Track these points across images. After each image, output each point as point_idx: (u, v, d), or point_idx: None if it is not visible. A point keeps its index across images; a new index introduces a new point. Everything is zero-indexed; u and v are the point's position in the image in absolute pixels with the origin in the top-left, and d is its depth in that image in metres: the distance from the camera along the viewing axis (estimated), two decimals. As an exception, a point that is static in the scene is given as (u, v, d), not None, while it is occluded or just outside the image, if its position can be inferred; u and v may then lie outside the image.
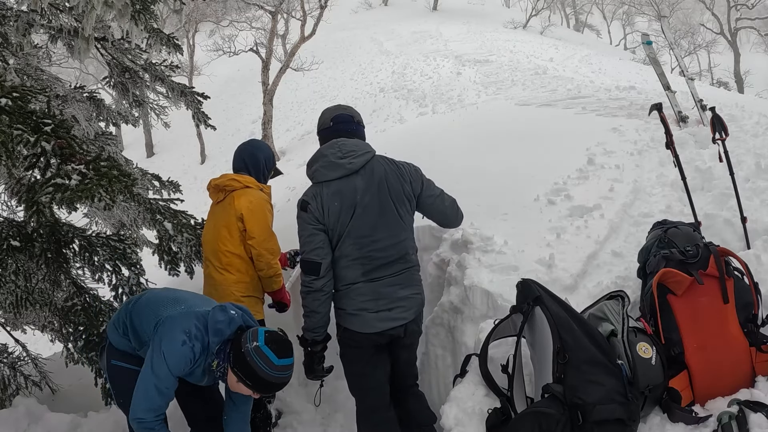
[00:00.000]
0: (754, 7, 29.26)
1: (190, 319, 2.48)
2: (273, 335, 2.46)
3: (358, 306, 2.79)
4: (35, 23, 4.26)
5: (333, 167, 2.77)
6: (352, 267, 2.77)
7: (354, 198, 2.75)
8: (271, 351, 2.39)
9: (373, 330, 2.80)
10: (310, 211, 2.74)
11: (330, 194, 2.74)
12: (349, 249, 2.75)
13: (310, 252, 2.75)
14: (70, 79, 10.39)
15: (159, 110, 5.75)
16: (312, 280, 2.75)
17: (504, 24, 30.97)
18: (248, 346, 2.39)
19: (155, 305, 2.64)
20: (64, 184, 2.52)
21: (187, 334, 2.42)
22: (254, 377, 2.39)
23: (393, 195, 2.81)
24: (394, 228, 2.81)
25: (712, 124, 3.70)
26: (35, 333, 4.40)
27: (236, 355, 2.41)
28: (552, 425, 2.35)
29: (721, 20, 29.80)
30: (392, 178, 2.83)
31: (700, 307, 2.61)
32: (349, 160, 2.78)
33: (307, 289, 2.78)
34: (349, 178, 2.77)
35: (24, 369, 4.15)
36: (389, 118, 15.01)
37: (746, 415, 2.28)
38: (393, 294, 2.81)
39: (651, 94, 8.45)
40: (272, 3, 19.32)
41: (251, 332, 2.45)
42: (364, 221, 2.75)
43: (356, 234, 2.74)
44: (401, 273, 2.84)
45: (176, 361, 2.41)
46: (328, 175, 2.77)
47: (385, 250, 2.78)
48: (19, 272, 3.57)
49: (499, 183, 4.88)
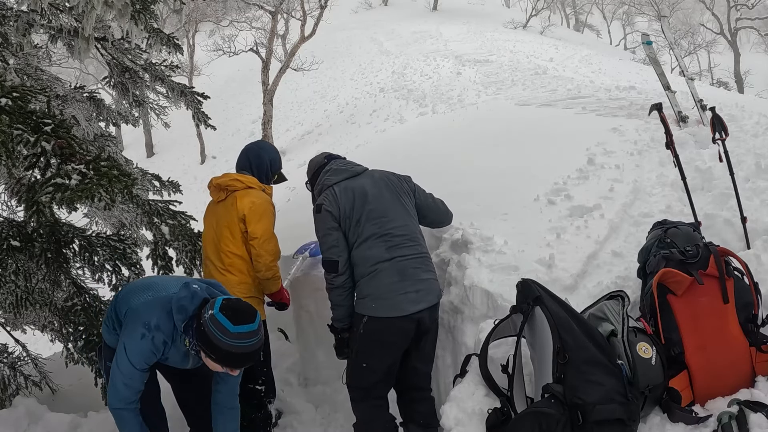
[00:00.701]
0: (754, 7, 29.26)
1: (152, 309, 2.44)
2: (230, 302, 2.37)
3: (387, 288, 2.88)
4: (35, 23, 4.25)
5: (338, 173, 3.09)
6: (375, 246, 2.92)
7: (364, 189, 3.01)
8: (226, 317, 2.29)
9: (402, 312, 2.86)
10: (324, 210, 2.97)
11: (341, 190, 3.01)
12: (370, 229, 2.94)
13: (327, 250, 2.97)
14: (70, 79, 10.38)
15: (159, 110, 5.74)
16: (333, 277, 2.96)
17: (504, 24, 30.94)
18: (205, 316, 2.32)
19: (128, 294, 2.64)
20: (64, 184, 2.51)
21: (146, 327, 2.40)
22: (213, 348, 2.31)
23: (396, 188, 3.09)
24: (403, 213, 3.04)
25: (712, 124, 3.70)
26: (35, 333, 4.40)
27: (197, 329, 2.35)
28: (552, 425, 2.35)
29: (721, 20, 29.80)
30: (392, 177, 3.16)
31: (700, 307, 2.61)
32: (351, 166, 3.14)
33: (330, 286, 2.99)
34: (355, 179, 3.07)
35: (24, 369, 4.15)
36: (389, 118, 15.01)
37: (746, 415, 2.28)
38: (416, 275, 2.94)
39: (651, 94, 8.44)
40: (272, 3, 19.32)
41: (210, 303, 2.37)
42: (377, 206, 2.98)
43: (373, 216, 2.95)
44: (419, 256, 3.01)
45: (137, 355, 2.39)
46: (335, 179, 3.06)
47: (401, 228, 2.99)
48: (19, 272, 3.57)
49: (499, 183, 4.88)
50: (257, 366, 3.29)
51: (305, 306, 4.22)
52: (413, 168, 5.85)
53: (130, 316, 2.50)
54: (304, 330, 4.26)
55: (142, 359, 2.41)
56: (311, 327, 4.14)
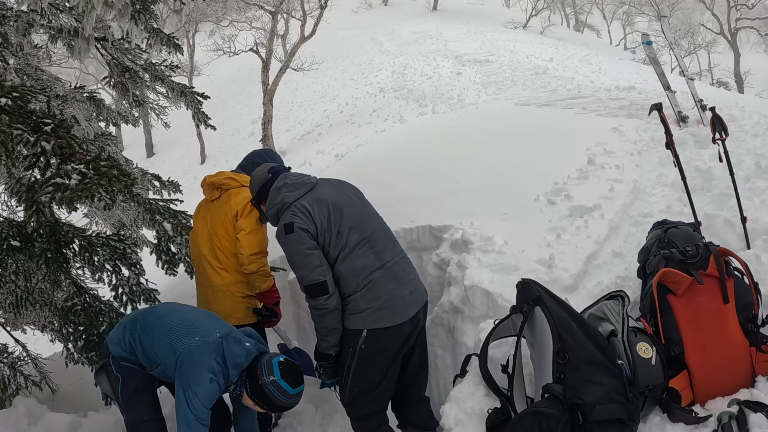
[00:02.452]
0: (754, 7, 29.24)
1: (209, 354, 2.63)
2: (287, 367, 2.65)
3: (387, 296, 2.73)
4: (35, 23, 4.25)
5: (296, 187, 2.82)
6: (364, 255, 2.74)
7: (331, 198, 2.80)
8: (287, 384, 2.60)
9: (406, 317, 2.77)
10: (298, 228, 2.67)
11: (312, 203, 2.75)
12: (354, 238, 2.75)
13: (311, 273, 2.67)
14: (70, 79, 10.38)
15: (159, 110, 5.74)
16: (325, 300, 2.68)
17: (504, 24, 30.91)
18: (265, 379, 2.60)
19: (168, 334, 2.74)
20: (64, 184, 2.51)
21: (212, 371, 2.60)
22: (271, 404, 2.64)
23: (354, 192, 2.95)
24: (374, 215, 2.92)
25: (712, 124, 3.70)
26: (35, 333, 4.39)
27: (253, 385, 2.62)
28: (552, 425, 2.35)
29: (721, 20, 29.78)
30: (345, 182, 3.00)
31: (700, 307, 2.61)
32: (304, 179, 2.87)
33: (323, 311, 2.70)
34: (315, 189, 2.83)
35: (24, 369, 4.14)
36: (389, 118, 14.99)
37: (746, 415, 2.28)
38: (407, 277, 2.85)
39: (651, 94, 8.45)
40: (272, 3, 19.30)
41: (266, 364, 2.63)
42: (351, 212, 2.81)
43: (352, 223, 2.77)
44: (402, 256, 2.91)
45: (207, 397, 2.59)
46: (296, 194, 2.79)
47: (379, 231, 2.86)
48: (19, 272, 3.56)
49: (499, 183, 4.88)
50: None
51: (305, 306, 4.22)
52: (413, 168, 5.88)
53: (187, 362, 2.63)
54: (303, 330, 4.26)
55: (211, 399, 2.62)
56: (311, 327, 4.13)
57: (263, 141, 17.65)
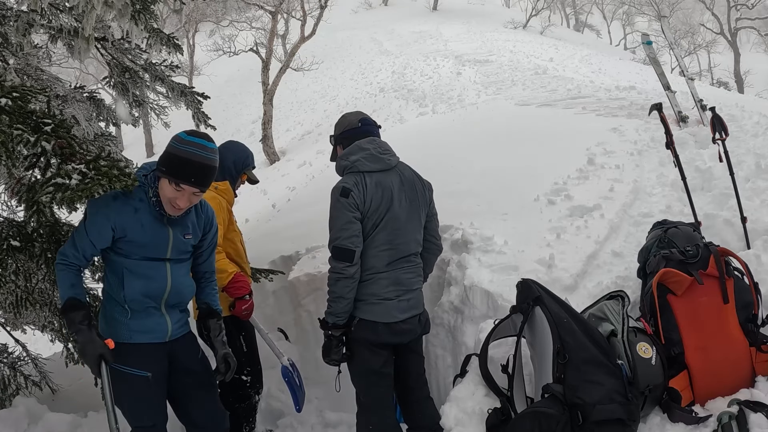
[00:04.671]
0: (754, 7, 29.25)
1: None
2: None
3: (382, 295, 2.79)
4: (35, 23, 4.24)
5: (375, 160, 2.85)
6: (380, 256, 2.79)
7: (392, 191, 2.83)
8: (184, 132, 2.46)
9: (392, 319, 2.79)
10: (352, 197, 2.74)
11: (373, 184, 2.80)
12: (382, 238, 2.79)
13: (346, 239, 2.72)
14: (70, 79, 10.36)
15: (159, 110, 5.74)
16: (345, 267, 2.73)
17: (504, 24, 30.93)
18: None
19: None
20: (64, 184, 2.51)
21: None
22: (165, 159, 2.44)
23: (419, 197, 2.94)
24: (417, 225, 2.92)
25: (712, 124, 3.70)
26: (35, 333, 4.39)
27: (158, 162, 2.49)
28: (552, 425, 2.35)
29: (721, 20, 29.80)
30: (418, 183, 2.98)
31: (700, 307, 2.61)
32: (387, 157, 2.90)
33: (339, 276, 2.75)
34: (388, 173, 2.86)
35: (24, 369, 4.14)
36: (389, 118, 14.99)
37: (746, 415, 2.28)
38: (409, 283, 2.86)
39: (651, 94, 8.46)
40: (272, 3, 19.31)
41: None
42: (398, 214, 2.83)
43: (391, 225, 2.80)
44: (416, 266, 2.92)
45: (93, 202, 2.47)
46: (371, 167, 2.83)
47: (408, 243, 2.87)
48: (19, 272, 3.56)
49: (499, 183, 4.89)
50: (242, 357, 3.24)
51: (305, 306, 4.23)
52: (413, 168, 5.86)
53: None
54: (304, 330, 4.26)
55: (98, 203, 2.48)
56: (311, 327, 4.14)
57: (263, 141, 17.66)
